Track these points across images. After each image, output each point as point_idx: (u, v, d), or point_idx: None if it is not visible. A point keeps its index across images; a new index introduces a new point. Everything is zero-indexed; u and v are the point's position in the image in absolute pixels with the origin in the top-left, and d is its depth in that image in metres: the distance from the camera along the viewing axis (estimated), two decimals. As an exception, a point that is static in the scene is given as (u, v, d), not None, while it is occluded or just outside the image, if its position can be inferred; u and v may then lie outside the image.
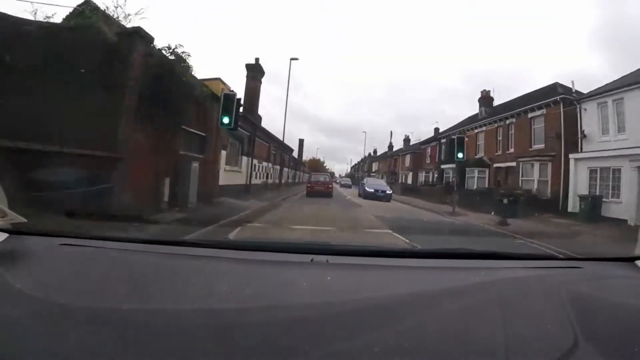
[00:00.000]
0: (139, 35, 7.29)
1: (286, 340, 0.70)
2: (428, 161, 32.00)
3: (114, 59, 6.71)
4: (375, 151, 56.66)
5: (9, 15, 6.01)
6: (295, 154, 37.79)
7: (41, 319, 0.75)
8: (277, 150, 23.61)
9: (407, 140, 43.05)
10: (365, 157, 62.13)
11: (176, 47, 8.10)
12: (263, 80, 19.35)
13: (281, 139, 23.10)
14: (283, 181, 26.68)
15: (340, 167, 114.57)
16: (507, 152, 19.22)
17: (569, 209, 13.38)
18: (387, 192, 19.88)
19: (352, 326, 0.76)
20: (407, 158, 36.82)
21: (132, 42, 7.09)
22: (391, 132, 61.98)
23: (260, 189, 17.43)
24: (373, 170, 49.14)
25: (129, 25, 7.29)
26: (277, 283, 1.01)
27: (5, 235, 1.16)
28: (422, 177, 32.71)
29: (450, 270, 1.20)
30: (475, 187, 20.16)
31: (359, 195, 21.61)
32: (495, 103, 24.55)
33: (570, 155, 14.05)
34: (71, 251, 1.17)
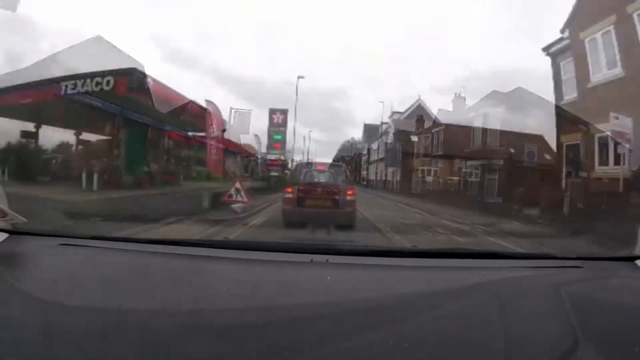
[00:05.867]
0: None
1: (286, 340, 0.70)
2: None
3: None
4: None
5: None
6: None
7: (41, 318, 0.75)
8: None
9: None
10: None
11: None
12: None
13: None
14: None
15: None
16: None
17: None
18: None
19: (352, 326, 0.76)
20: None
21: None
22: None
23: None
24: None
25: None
26: (277, 283, 1.01)
27: (5, 235, 1.16)
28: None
29: (450, 270, 1.20)
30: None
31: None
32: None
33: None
34: (71, 251, 1.17)
